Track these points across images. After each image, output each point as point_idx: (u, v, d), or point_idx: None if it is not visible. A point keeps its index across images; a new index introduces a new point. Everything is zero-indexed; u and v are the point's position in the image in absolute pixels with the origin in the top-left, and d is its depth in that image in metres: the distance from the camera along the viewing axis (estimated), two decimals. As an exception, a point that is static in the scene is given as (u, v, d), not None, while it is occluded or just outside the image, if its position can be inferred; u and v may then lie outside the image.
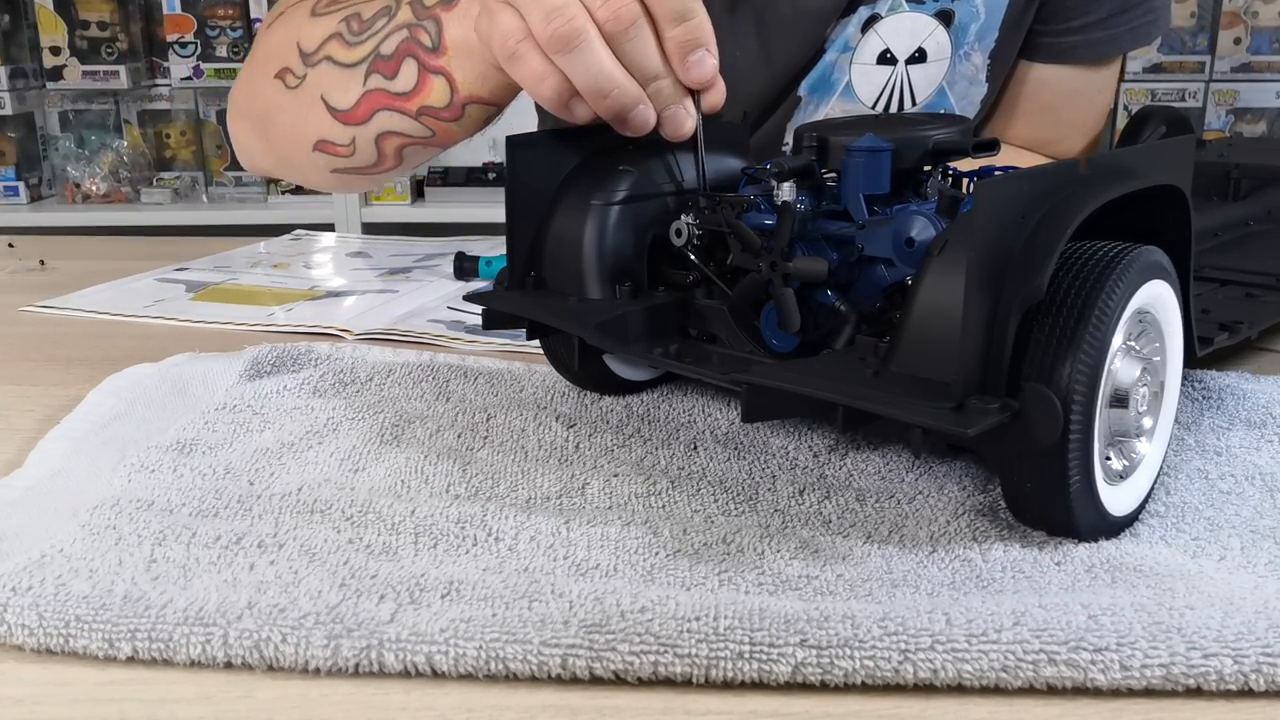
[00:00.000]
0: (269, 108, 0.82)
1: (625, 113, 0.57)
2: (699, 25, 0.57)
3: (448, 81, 0.71)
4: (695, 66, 0.57)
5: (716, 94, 0.59)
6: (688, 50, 0.57)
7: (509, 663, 0.38)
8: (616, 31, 0.56)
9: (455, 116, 0.72)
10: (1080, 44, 0.95)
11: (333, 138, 0.77)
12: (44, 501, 0.50)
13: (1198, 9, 2.38)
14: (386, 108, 0.74)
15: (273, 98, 0.81)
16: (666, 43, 0.57)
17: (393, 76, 0.73)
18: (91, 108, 2.64)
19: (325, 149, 0.78)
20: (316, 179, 0.86)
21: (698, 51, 0.57)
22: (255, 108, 0.85)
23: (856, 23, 0.90)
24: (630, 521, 0.48)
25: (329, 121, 0.77)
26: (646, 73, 0.57)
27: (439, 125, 0.74)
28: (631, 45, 0.56)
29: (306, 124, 0.78)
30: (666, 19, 0.57)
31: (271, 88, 0.81)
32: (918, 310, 0.45)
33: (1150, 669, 0.36)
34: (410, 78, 0.72)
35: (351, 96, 0.75)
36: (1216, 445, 0.55)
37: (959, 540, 0.47)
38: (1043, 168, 0.45)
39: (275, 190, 2.58)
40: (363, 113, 0.75)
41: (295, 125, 0.80)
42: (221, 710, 0.37)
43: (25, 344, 0.79)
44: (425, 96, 0.72)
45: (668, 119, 0.58)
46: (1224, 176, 0.85)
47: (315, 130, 0.78)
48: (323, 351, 0.69)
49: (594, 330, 0.55)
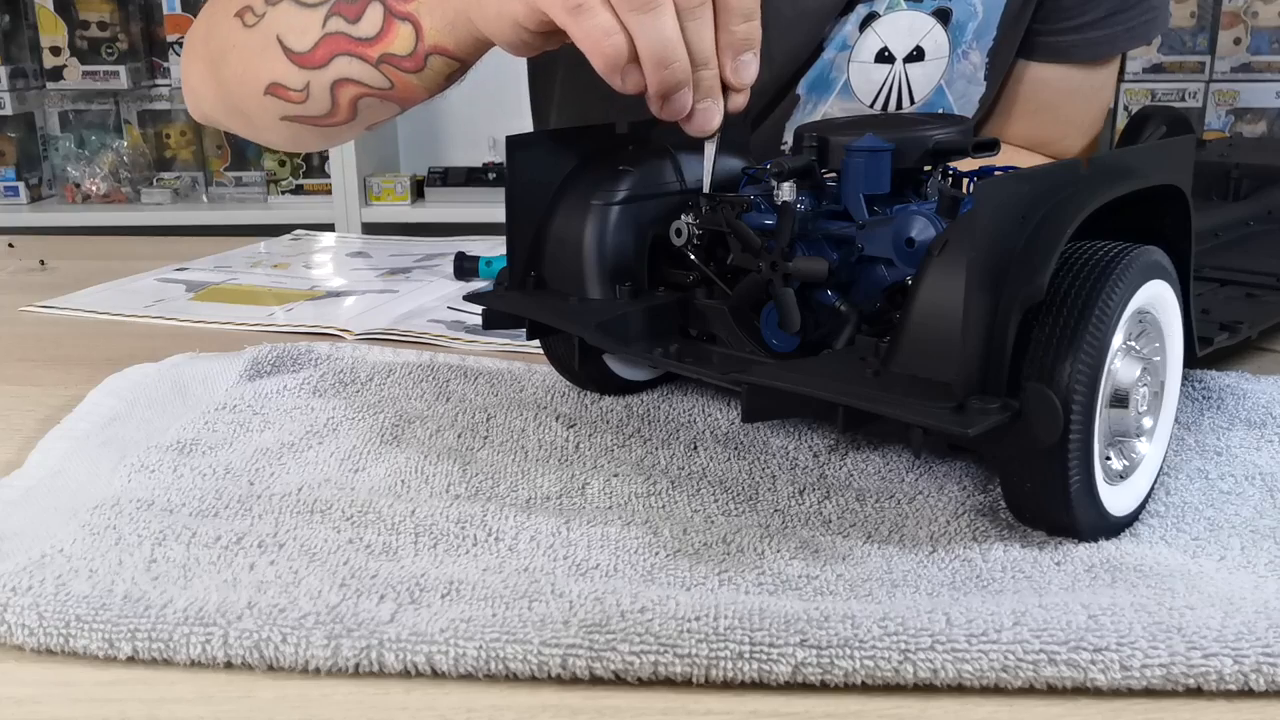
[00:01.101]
0: (224, 46, 0.79)
1: (676, 89, 0.56)
2: (756, 28, 0.57)
3: (414, 28, 0.68)
4: (745, 67, 0.57)
5: (743, 98, 0.59)
6: (742, 49, 0.57)
7: (509, 663, 0.38)
8: (689, 7, 0.55)
9: (417, 67, 0.70)
10: (1079, 43, 0.95)
11: (286, 81, 0.74)
12: (44, 501, 0.50)
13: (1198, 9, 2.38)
14: (346, 52, 0.71)
15: (228, 35, 0.78)
16: (723, 35, 0.57)
17: (356, 20, 0.70)
18: (91, 108, 2.64)
19: (277, 92, 0.75)
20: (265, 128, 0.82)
21: (749, 53, 0.57)
22: (210, 47, 0.82)
23: (854, 21, 0.90)
24: (630, 521, 0.48)
25: (284, 64, 0.74)
26: (700, 57, 0.56)
27: (399, 76, 0.71)
28: (696, 25, 0.56)
29: (260, 65, 0.75)
30: (733, 13, 0.56)
31: (229, 25, 0.78)
32: (918, 310, 0.45)
33: (1150, 669, 0.36)
34: (375, 22, 0.69)
35: (310, 38, 0.72)
36: (1216, 445, 0.55)
37: (959, 540, 0.47)
38: (1043, 168, 0.45)
39: (275, 190, 2.58)
40: (320, 56, 0.72)
41: (248, 66, 0.77)
42: (221, 710, 0.37)
43: (25, 344, 0.79)
44: (389, 43, 0.69)
45: (700, 111, 0.57)
46: (1224, 176, 0.85)
47: (269, 73, 0.75)
48: (323, 351, 0.69)
49: (594, 330, 0.55)
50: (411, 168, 2.61)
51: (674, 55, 0.55)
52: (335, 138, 0.83)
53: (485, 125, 2.51)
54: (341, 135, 0.82)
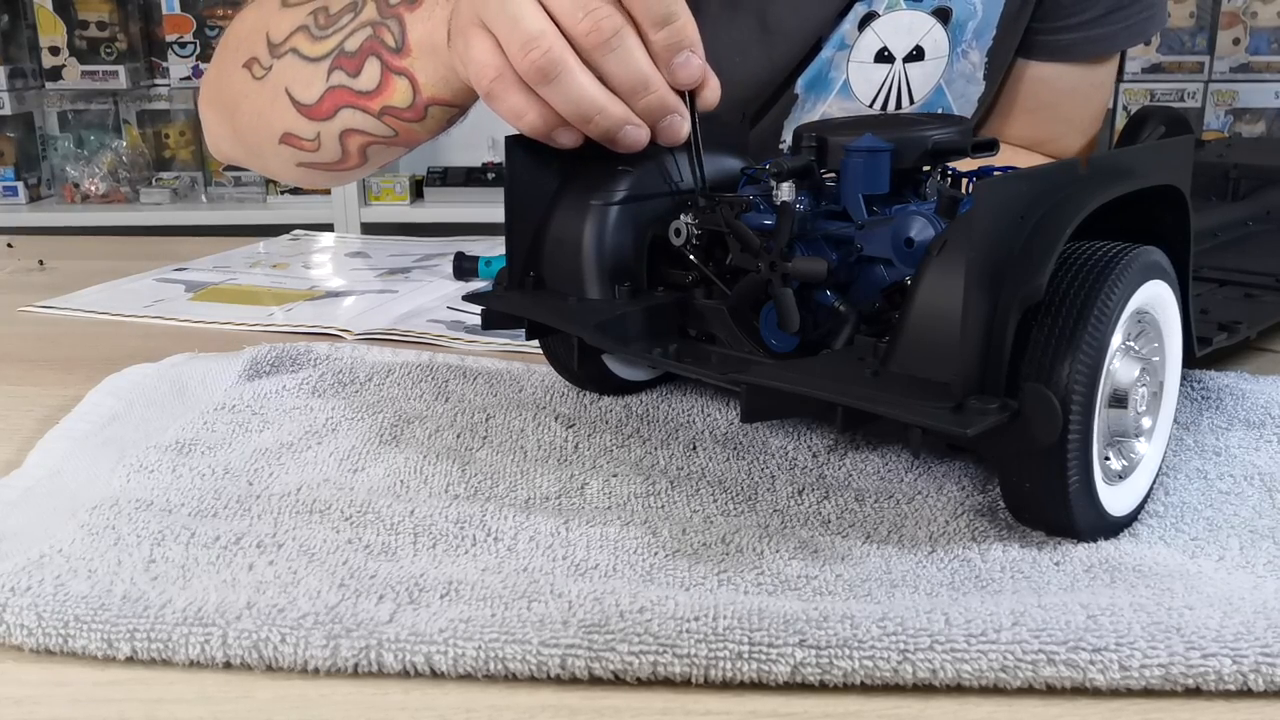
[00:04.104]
0: (236, 96, 0.81)
1: (613, 134, 0.56)
2: (682, 27, 0.56)
3: (410, 83, 0.70)
4: (682, 68, 0.57)
5: (710, 92, 0.58)
6: (673, 53, 0.56)
7: (508, 663, 0.38)
8: (599, 44, 0.55)
9: (418, 118, 0.72)
10: (1077, 41, 0.95)
11: (298, 131, 0.76)
12: (43, 502, 0.50)
13: (1197, 9, 2.39)
14: (349, 105, 0.73)
15: (240, 87, 0.80)
16: (652, 46, 0.56)
17: (356, 74, 0.72)
18: (90, 108, 2.64)
19: (291, 142, 0.77)
20: (283, 171, 0.85)
21: (683, 53, 0.56)
22: (223, 96, 0.84)
23: (853, 20, 0.90)
24: (629, 522, 0.48)
25: (293, 115, 0.76)
26: (635, 83, 0.56)
27: (401, 125, 0.73)
28: (616, 56, 0.55)
29: (272, 116, 0.77)
30: (650, 24, 0.56)
31: (239, 76, 0.80)
32: (917, 310, 0.45)
33: (1149, 669, 0.36)
34: (373, 77, 0.71)
35: (315, 91, 0.74)
36: (1215, 445, 0.55)
37: (958, 540, 0.47)
38: (1042, 168, 0.45)
39: (274, 190, 2.58)
40: (326, 109, 0.74)
41: (261, 116, 0.79)
42: (220, 710, 0.37)
43: (24, 344, 0.79)
44: (388, 97, 0.71)
45: (663, 129, 0.57)
46: (1223, 177, 0.85)
47: (280, 123, 0.77)
48: (322, 352, 0.69)
49: (593, 330, 0.55)
50: (410, 168, 2.61)
51: (593, 109, 0.55)
52: (347, 179, 0.86)
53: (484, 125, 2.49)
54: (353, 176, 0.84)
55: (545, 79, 0.55)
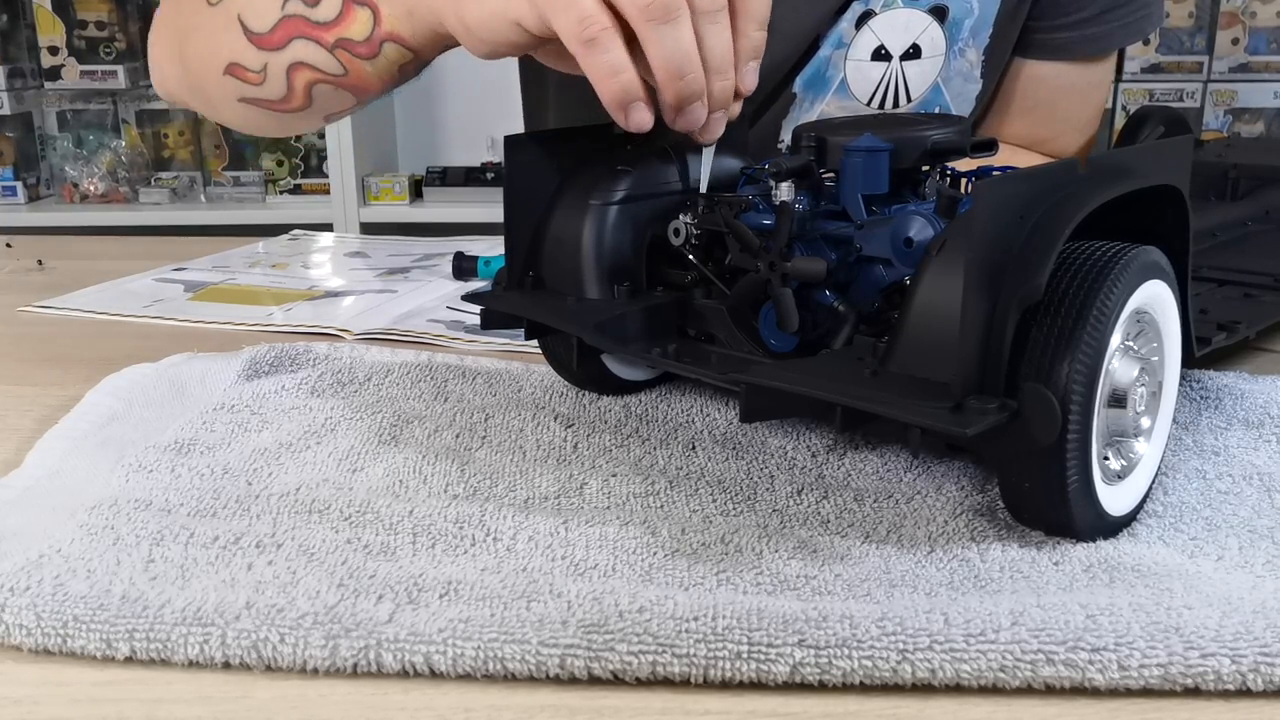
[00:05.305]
0: (188, 25, 0.80)
1: (691, 101, 0.55)
2: (765, 37, 0.56)
3: (372, 13, 0.68)
4: (751, 74, 0.57)
5: (739, 105, 0.58)
6: (754, 56, 0.56)
7: (507, 663, 0.38)
8: (711, 9, 0.54)
9: (371, 53, 0.70)
10: (1074, 40, 0.95)
11: (244, 61, 0.75)
12: (42, 501, 0.50)
13: (1196, 9, 2.38)
14: (303, 35, 0.71)
15: (192, 15, 0.79)
16: (740, 41, 0.56)
17: (315, 4, 0.70)
18: (90, 107, 2.64)
19: (235, 73, 0.76)
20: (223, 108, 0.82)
21: (756, 62, 0.56)
22: (176, 25, 0.83)
23: (850, 18, 0.90)
24: (628, 521, 0.48)
25: (243, 44, 0.74)
26: (722, 62, 0.55)
27: (352, 62, 0.71)
28: (714, 29, 0.54)
29: (220, 44, 0.76)
30: (750, 19, 0.55)
31: (193, 4, 0.79)
32: (916, 310, 0.45)
33: (1148, 669, 0.36)
34: (334, 6, 0.70)
35: (269, 19, 0.72)
36: (1214, 445, 0.55)
37: (957, 540, 0.47)
38: (1041, 168, 0.45)
39: (274, 190, 2.58)
40: (278, 38, 0.72)
41: (209, 45, 0.77)
42: (220, 710, 0.37)
43: (23, 344, 0.79)
44: (346, 27, 0.70)
45: (715, 120, 0.57)
46: (1222, 177, 0.85)
47: (229, 52, 0.75)
48: (321, 351, 0.69)
49: (592, 330, 0.55)
50: (410, 167, 2.61)
51: (689, 67, 0.54)
52: (291, 125, 0.83)
53: (484, 125, 2.51)
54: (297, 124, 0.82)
55: (666, 16, 0.53)
